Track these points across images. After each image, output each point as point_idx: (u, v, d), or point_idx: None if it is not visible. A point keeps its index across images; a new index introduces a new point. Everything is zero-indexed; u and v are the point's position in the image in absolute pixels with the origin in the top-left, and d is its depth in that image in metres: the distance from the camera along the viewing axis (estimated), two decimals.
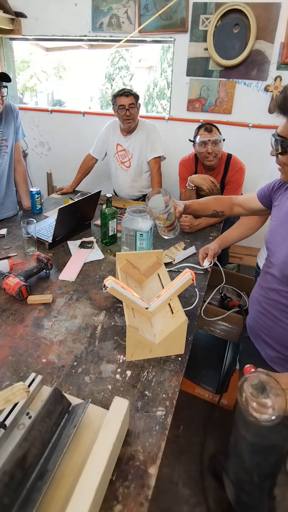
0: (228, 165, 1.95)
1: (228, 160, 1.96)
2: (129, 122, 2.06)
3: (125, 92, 2.01)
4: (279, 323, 0.93)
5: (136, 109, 2.04)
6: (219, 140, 1.85)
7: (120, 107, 2.01)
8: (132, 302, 1.01)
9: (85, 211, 1.77)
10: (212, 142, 1.83)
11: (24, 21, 2.86)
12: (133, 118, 2.05)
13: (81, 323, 1.12)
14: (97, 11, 2.60)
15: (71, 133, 3.17)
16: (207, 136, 1.83)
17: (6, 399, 0.64)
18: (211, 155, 1.86)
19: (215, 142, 1.84)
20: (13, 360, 0.96)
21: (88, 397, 0.85)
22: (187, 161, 2.09)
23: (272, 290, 0.96)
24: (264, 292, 1.00)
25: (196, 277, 1.43)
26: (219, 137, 1.85)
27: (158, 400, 0.86)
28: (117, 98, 2.02)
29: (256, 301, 1.04)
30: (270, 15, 2.23)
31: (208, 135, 1.83)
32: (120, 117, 2.05)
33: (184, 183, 2.14)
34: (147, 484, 0.68)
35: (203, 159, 1.91)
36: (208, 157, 1.88)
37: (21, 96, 7.84)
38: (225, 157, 1.97)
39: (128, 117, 2.03)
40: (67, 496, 0.59)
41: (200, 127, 1.89)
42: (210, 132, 1.84)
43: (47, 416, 0.67)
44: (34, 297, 1.22)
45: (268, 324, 0.98)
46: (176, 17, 2.42)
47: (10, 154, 1.87)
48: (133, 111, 2.02)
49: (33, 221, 1.53)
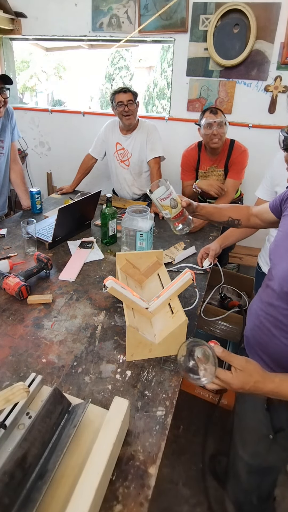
0: (232, 148, 1.97)
1: (232, 143, 1.98)
2: (128, 119, 2.05)
3: (123, 89, 2.02)
4: (275, 340, 0.87)
5: (135, 105, 2.04)
6: (224, 123, 1.86)
7: (118, 104, 2.01)
8: (132, 302, 1.01)
9: (85, 211, 1.77)
10: (218, 124, 1.84)
11: (24, 21, 2.86)
12: (132, 114, 2.05)
13: (81, 323, 1.12)
14: (97, 11, 2.60)
15: (71, 133, 3.17)
16: (212, 118, 1.85)
17: (6, 399, 0.65)
18: (216, 137, 1.86)
19: (220, 124, 1.85)
20: (13, 360, 0.96)
21: (88, 397, 0.85)
22: (189, 151, 2.10)
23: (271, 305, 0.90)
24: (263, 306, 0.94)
25: (196, 277, 1.43)
26: (224, 119, 1.86)
27: (158, 400, 0.86)
28: (116, 95, 2.02)
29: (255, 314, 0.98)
30: (270, 15, 2.23)
31: (213, 117, 1.85)
32: (119, 113, 2.05)
33: (186, 175, 2.15)
34: (147, 484, 0.68)
35: (208, 141, 1.91)
36: (213, 139, 1.88)
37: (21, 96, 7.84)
38: (229, 141, 1.98)
39: (127, 113, 2.03)
40: (67, 496, 0.59)
41: (205, 110, 1.90)
42: (216, 114, 1.85)
43: (47, 416, 0.67)
44: (34, 297, 1.22)
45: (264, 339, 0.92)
46: (176, 17, 2.42)
47: (6, 155, 1.88)
48: (131, 107, 2.02)
49: (33, 221, 1.53)
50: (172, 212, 1.03)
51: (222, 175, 2.03)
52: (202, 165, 2.06)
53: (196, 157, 2.07)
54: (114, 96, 2.03)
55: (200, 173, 2.08)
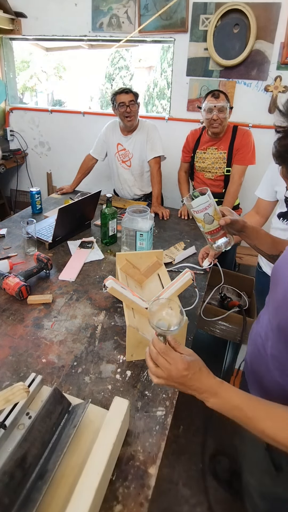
0: (235, 132, 1.94)
1: (235, 128, 1.95)
2: (130, 120, 2.05)
3: (124, 90, 2.02)
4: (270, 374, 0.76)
5: (136, 106, 2.04)
6: (225, 107, 1.82)
7: (120, 104, 2.00)
8: (132, 302, 1.01)
9: (85, 211, 1.77)
10: (218, 108, 1.81)
11: (24, 21, 2.86)
12: (133, 115, 2.05)
13: (81, 323, 1.12)
14: (97, 11, 2.60)
15: (71, 133, 3.17)
16: (213, 102, 1.82)
17: (6, 399, 0.64)
18: (216, 122, 1.84)
19: (221, 109, 1.81)
20: (13, 360, 0.96)
21: (88, 397, 0.85)
22: (193, 132, 2.11)
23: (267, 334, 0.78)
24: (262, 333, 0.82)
25: (196, 277, 1.43)
26: (225, 103, 1.82)
27: (158, 400, 0.86)
28: (117, 96, 2.02)
29: (254, 340, 0.86)
30: (270, 15, 2.23)
31: (214, 101, 1.81)
32: (121, 114, 2.04)
33: (183, 155, 2.17)
34: (147, 484, 0.68)
35: (208, 125, 1.90)
36: (213, 124, 1.86)
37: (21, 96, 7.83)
38: (232, 127, 1.96)
39: (129, 114, 2.03)
40: (67, 496, 0.59)
41: (208, 93, 1.87)
42: (217, 98, 1.82)
43: (47, 416, 0.67)
44: (34, 297, 1.22)
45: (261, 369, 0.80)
46: (176, 17, 2.42)
47: None
48: (133, 108, 2.02)
49: (33, 221, 1.53)
50: (205, 227, 0.92)
51: (222, 158, 1.98)
52: (202, 146, 2.04)
53: (197, 137, 2.06)
54: (115, 96, 2.03)
55: (199, 153, 2.05)
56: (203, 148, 2.04)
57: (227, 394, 0.63)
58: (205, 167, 2.05)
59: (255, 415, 0.60)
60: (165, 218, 2.02)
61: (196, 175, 2.15)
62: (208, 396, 0.64)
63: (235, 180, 1.98)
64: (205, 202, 0.88)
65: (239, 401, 0.62)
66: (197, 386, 0.64)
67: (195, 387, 0.64)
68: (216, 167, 2.02)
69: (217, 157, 2.00)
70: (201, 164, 2.06)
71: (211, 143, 2.00)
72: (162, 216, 2.03)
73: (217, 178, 2.05)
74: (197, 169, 2.11)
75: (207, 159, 2.03)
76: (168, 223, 1.98)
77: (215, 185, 2.07)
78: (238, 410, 0.61)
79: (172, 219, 2.03)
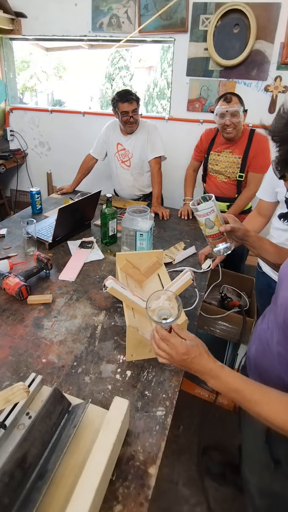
0: (252, 137, 1.87)
1: (252, 132, 1.88)
2: (131, 127, 2.07)
3: (128, 99, 1.97)
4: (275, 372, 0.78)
5: (139, 114, 2.05)
6: (239, 111, 1.75)
7: (123, 113, 2.00)
8: (132, 302, 1.01)
9: (85, 211, 1.77)
10: (231, 113, 1.75)
11: (24, 21, 2.86)
12: (135, 122, 2.06)
13: (81, 323, 1.12)
14: (97, 11, 2.60)
15: (71, 133, 3.17)
16: (225, 107, 1.76)
17: (6, 399, 0.64)
18: (229, 127, 1.79)
19: (234, 114, 1.75)
20: (13, 360, 0.96)
21: (88, 397, 0.85)
22: (208, 131, 2.05)
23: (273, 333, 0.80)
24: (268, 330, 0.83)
25: (196, 277, 1.43)
26: (238, 107, 1.75)
27: (158, 400, 0.86)
28: (119, 104, 1.99)
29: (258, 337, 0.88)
30: (270, 15, 2.23)
31: (226, 106, 1.75)
32: (123, 122, 2.05)
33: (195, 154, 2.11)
34: (147, 484, 0.68)
35: (222, 130, 1.85)
36: (226, 129, 1.81)
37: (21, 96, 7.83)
38: (248, 131, 1.89)
39: (131, 123, 2.04)
40: (67, 496, 0.59)
41: (220, 97, 1.82)
42: (229, 103, 1.76)
43: (47, 416, 0.67)
44: (34, 297, 1.22)
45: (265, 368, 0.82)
46: (176, 17, 2.42)
47: None
48: (136, 116, 2.03)
49: (33, 221, 1.53)
50: (206, 231, 0.95)
51: (237, 162, 1.92)
52: (216, 147, 1.98)
53: (211, 137, 2.00)
54: (117, 103, 2.00)
55: (213, 155, 1.99)
56: (217, 150, 1.97)
57: (227, 377, 0.67)
58: (218, 170, 1.99)
59: (252, 398, 0.64)
60: (165, 218, 2.02)
61: (209, 178, 2.09)
62: (209, 378, 0.69)
63: (251, 187, 1.90)
64: (208, 208, 0.91)
65: (238, 385, 0.66)
66: (197, 369, 0.69)
67: (195, 369, 0.70)
68: (229, 171, 1.95)
69: (231, 161, 1.93)
70: (214, 166, 2.00)
71: (226, 146, 1.94)
72: (162, 216, 2.03)
73: (230, 182, 1.99)
74: (210, 171, 2.05)
75: (220, 161, 1.97)
76: (168, 223, 1.98)
77: (228, 189, 2.01)
78: (236, 392, 0.66)
79: (172, 219, 2.03)
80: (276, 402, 0.63)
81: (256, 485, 0.95)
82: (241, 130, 1.86)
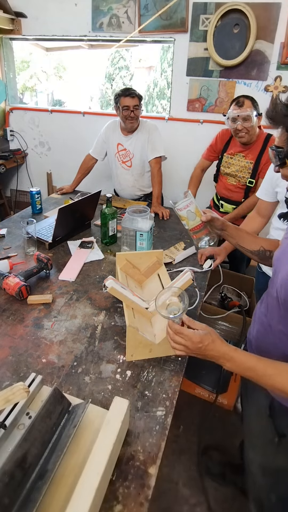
0: (267, 143, 1.82)
1: (268, 137, 1.83)
2: (131, 122, 2.06)
3: (130, 94, 1.99)
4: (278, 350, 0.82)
5: (140, 110, 2.05)
6: (251, 116, 1.71)
7: (124, 108, 2.00)
8: (132, 302, 1.01)
9: (85, 211, 1.77)
10: (242, 118, 1.72)
11: (24, 21, 2.86)
12: (136, 118, 2.05)
13: (81, 323, 1.12)
14: (97, 11, 2.60)
15: (71, 133, 3.17)
16: (237, 111, 1.73)
17: (6, 399, 0.64)
18: (241, 132, 1.76)
19: (246, 118, 1.71)
20: (13, 360, 0.96)
21: (88, 397, 0.85)
22: (224, 131, 2.00)
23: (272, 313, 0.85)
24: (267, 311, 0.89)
25: (196, 277, 1.43)
26: (251, 111, 1.71)
27: (158, 400, 0.86)
28: (122, 98, 2.00)
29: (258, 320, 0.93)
30: (270, 15, 2.23)
31: (238, 110, 1.72)
32: (123, 117, 2.05)
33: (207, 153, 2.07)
34: (147, 484, 0.68)
35: (234, 135, 1.83)
36: (238, 134, 1.78)
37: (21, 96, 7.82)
38: (264, 136, 1.84)
39: (132, 118, 2.03)
40: (67, 496, 0.59)
41: (233, 100, 1.79)
42: (241, 107, 1.72)
43: (47, 416, 0.67)
44: (34, 297, 1.22)
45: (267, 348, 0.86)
46: (176, 17, 2.42)
47: None
48: (137, 112, 2.02)
49: (33, 221, 1.53)
50: (189, 224, 1.01)
51: (248, 167, 1.89)
52: (230, 149, 1.96)
53: (227, 139, 1.97)
54: (119, 98, 2.02)
55: (226, 157, 1.97)
56: (230, 153, 1.95)
57: (241, 358, 0.73)
58: (229, 173, 1.97)
59: (266, 373, 0.70)
60: (165, 218, 2.02)
61: (220, 178, 2.08)
62: (224, 361, 0.74)
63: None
64: (186, 200, 1.00)
65: (251, 363, 0.72)
66: (213, 354, 0.75)
67: (211, 355, 0.75)
68: (240, 176, 1.94)
69: (243, 165, 1.91)
70: (226, 169, 1.98)
71: (240, 149, 1.91)
72: (162, 216, 2.03)
73: (239, 186, 1.97)
74: (222, 173, 2.03)
75: (232, 165, 1.95)
76: (168, 223, 1.98)
77: (236, 192, 1.99)
78: (251, 370, 0.72)
79: (172, 219, 2.03)
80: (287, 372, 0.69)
81: (259, 463, 0.98)
82: (255, 134, 1.82)
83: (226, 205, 2.07)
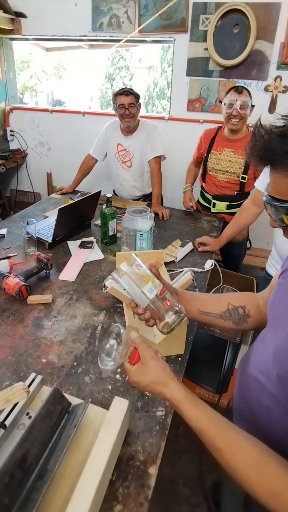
0: None
1: None
2: (128, 121, 2.06)
3: (125, 92, 2.01)
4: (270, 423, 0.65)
5: (136, 109, 2.04)
6: (248, 104, 1.76)
7: (119, 106, 2.01)
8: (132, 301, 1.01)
9: (85, 211, 1.77)
10: (240, 104, 1.74)
11: (24, 21, 2.86)
12: (132, 117, 2.05)
13: (81, 323, 1.12)
14: (97, 11, 2.60)
15: (71, 133, 3.17)
16: (235, 97, 1.75)
17: (6, 399, 0.64)
18: (236, 118, 1.78)
19: (243, 105, 1.75)
20: (13, 360, 0.96)
21: (88, 397, 0.85)
22: (208, 131, 2.04)
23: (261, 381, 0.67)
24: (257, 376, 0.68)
25: (196, 277, 1.43)
26: (248, 100, 1.75)
27: (158, 400, 0.86)
28: (117, 97, 2.02)
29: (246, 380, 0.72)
30: (270, 15, 2.23)
31: (237, 96, 1.75)
32: (119, 115, 2.06)
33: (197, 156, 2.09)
34: (147, 484, 0.68)
35: (227, 121, 1.83)
36: (232, 119, 1.79)
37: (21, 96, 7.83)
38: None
39: (127, 116, 2.03)
40: (67, 496, 0.59)
41: (231, 88, 1.81)
42: (240, 94, 1.75)
43: (47, 416, 0.67)
44: (34, 297, 1.22)
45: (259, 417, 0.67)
46: (176, 17, 2.42)
47: None
48: (132, 110, 2.02)
49: (33, 221, 1.53)
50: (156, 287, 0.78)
51: (239, 163, 1.89)
52: (217, 146, 1.96)
53: (211, 137, 1.98)
54: (116, 97, 2.03)
55: (214, 154, 1.96)
56: (218, 149, 1.95)
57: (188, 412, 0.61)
58: (219, 169, 1.96)
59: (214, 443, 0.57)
60: (165, 218, 2.02)
61: (208, 177, 2.06)
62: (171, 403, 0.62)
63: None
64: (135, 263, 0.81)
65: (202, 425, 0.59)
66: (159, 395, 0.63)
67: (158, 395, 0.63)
68: (231, 171, 1.93)
69: (233, 161, 1.91)
70: (215, 165, 1.97)
71: (228, 144, 1.92)
72: (162, 216, 2.03)
73: (232, 182, 1.96)
74: (210, 171, 2.02)
75: (222, 160, 1.94)
76: (168, 223, 1.98)
77: (229, 187, 1.98)
78: (198, 432, 0.60)
79: (172, 219, 2.03)
80: (244, 454, 0.53)
81: None
82: (245, 123, 1.85)
83: (219, 203, 2.05)
